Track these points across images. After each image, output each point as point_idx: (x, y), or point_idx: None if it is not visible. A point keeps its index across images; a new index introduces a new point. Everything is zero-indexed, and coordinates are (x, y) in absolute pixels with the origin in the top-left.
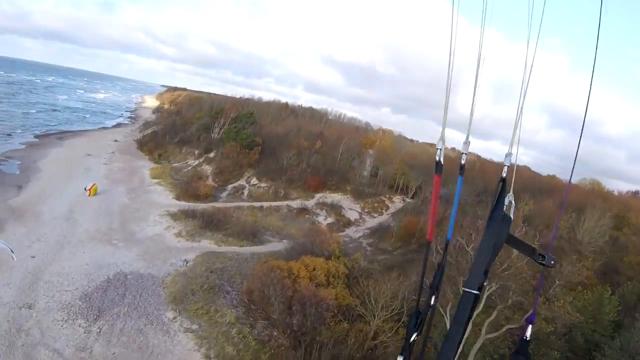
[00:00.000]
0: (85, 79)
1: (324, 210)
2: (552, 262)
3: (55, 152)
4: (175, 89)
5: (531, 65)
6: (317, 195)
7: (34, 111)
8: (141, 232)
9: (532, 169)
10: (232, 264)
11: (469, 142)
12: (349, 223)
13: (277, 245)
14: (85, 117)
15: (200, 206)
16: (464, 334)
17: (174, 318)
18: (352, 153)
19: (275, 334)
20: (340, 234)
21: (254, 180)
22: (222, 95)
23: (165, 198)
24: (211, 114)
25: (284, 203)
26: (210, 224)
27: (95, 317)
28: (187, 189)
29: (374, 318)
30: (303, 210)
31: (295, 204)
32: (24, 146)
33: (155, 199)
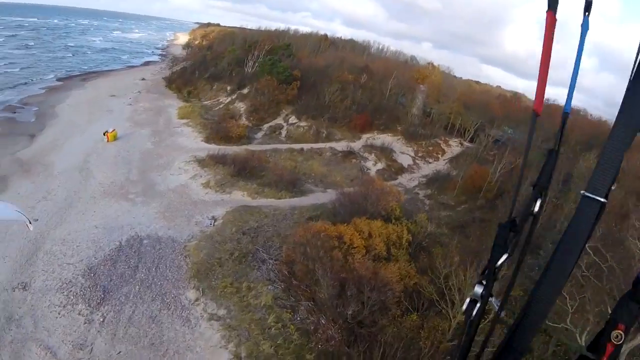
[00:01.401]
0: (120, 20)
1: (372, 154)
2: None
3: (77, 95)
4: (209, 24)
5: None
6: (364, 136)
7: (69, 55)
8: (163, 183)
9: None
10: (269, 222)
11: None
12: (401, 169)
13: (320, 197)
14: (119, 57)
15: (232, 149)
16: (580, 252)
17: (196, 300)
18: (402, 88)
19: (323, 322)
20: (393, 182)
21: (292, 119)
22: (257, 30)
23: (192, 141)
24: (244, 47)
25: (327, 145)
26: (243, 171)
27: (99, 300)
28: (218, 129)
29: (453, 308)
30: (349, 153)
31: (340, 146)
32: (43, 91)
33: (181, 143)
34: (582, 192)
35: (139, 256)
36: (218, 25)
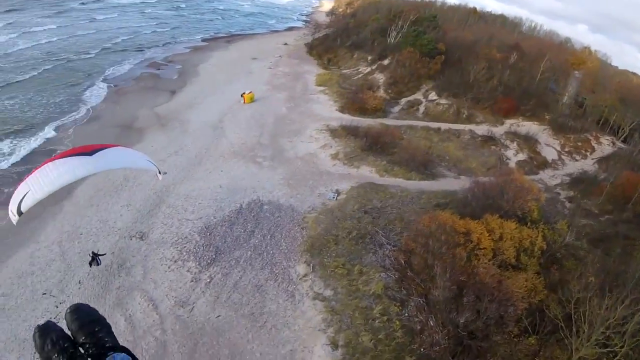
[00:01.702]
0: None
1: (515, 143)
2: None
3: (220, 56)
4: None
5: None
6: (508, 122)
7: (218, 17)
8: (292, 150)
9: None
10: (394, 204)
11: None
12: (544, 164)
13: (453, 183)
14: (265, 22)
15: (367, 122)
16: None
17: (305, 275)
18: (556, 73)
19: (431, 323)
20: (533, 177)
21: (432, 95)
22: (403, 2)
23: (327, 109)
24: (389, 16)
25: (467, 127)
26: (375, 146)
27: (210, 260)
28: (354, 100)
29: (578, 340)
30: (489, 139)
31: (480, 129)
32: (188, 50)
33: (316, 110)
34: None
35: (257, 221)
36: None
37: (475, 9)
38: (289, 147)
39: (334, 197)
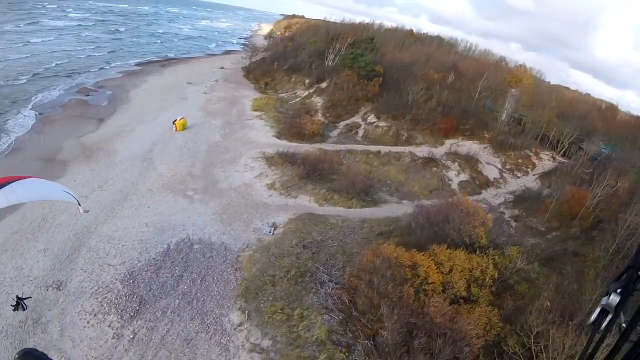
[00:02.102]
0: (209, 9)
1: (456, 163)
2: None
3: (153, 80)
4: (293, 16)
5: None
6: (448, 142)
7: (157, 41)
8: (226, 180)
9: None
10: (335, 235)
11: None
12: (486, 183)
13: (395, 209)
14: (205, 45)
15: (304, 148)
16: None
17: (240, 324)
18: (493, 91)
19: None
20: (476, 197)
21: (371, 118)
22: (341, 23)
23: (264, 135)
24: (327, 39)
25: (407, 149)
26: (313, 173)
27: (133, 312)
28: (292, 125)
29: None
30: (430, 160)
31: (421, 151)
32: (121, 75)
33: (251, 137)
34: None
35: (186, 264)
36: (302, 17)
37: (412, 31)
38: (222, 177)
39: (270, 232)
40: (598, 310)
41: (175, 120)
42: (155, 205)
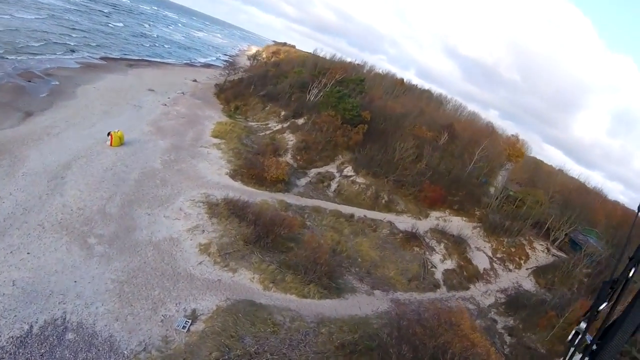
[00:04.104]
0: (208, 22)
1: (442, 245)
2: None
3: (113, 79)
4: (285, 44)
5: None
6: (434, 214)
7: (144, 42)
8: (148, 229)
9: None
10: (277, 347)
11: None
12: (475, 275)
13: (364, 303)
14: (189, 56)
15: (262, 197)
16: None
17: None
18: (490, 162)
19: None
20: (463, 293)
21: (348, 170)
22: (330, 60)
23: (216, 171)
24: (312, 71)
25: (386, 217)
26: (265, 238)
27: None
28: (253, 164)
29: None
30: (412, 237)
31: (402, 222)
32: (79, 66)
33: (200, 170)
34: None
35: None
36: (293, 47)
37: (402, 80)
38: (144, 223)
39: (184, 328)
40: (573, 332)
41: (111, 132)
42: (38, 253)
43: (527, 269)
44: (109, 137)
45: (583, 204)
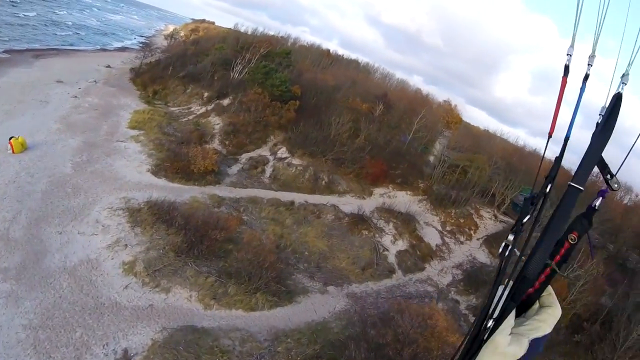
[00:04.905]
0: (122, 4)
1: (391, 224)
2: (616, 186)
3: (16, 73)
4: (203, 21)
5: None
6: (377, 191)
7: (57, 29)
8: (61, 251)
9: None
10: None
11: (595, 55)
12: (429, 253)
13: (320, 304)
14: (102, 40)
15: (190, 193)
16: (563, 224)
17: None
18: (430, 132)
19: None
20: (419, 275)
21: (282, 152)
22: (252, 34)
23: (136, 168)
24: (235, 47)
25: (328, 200)
26: (199, 245)
27: None
28: (177, 156)
29: None
30: (359, 219)
31: (346, 203)
32: None
33: (118, 170)
34: (568, 182)
35: None
36: (213, 23)
37: (328, 51)
38: (56, 244)
39: None
40: (503, 245)
41: (11, 138)
42: None
43: (477, 239)
44: (9, 144)
45: (525, 167)
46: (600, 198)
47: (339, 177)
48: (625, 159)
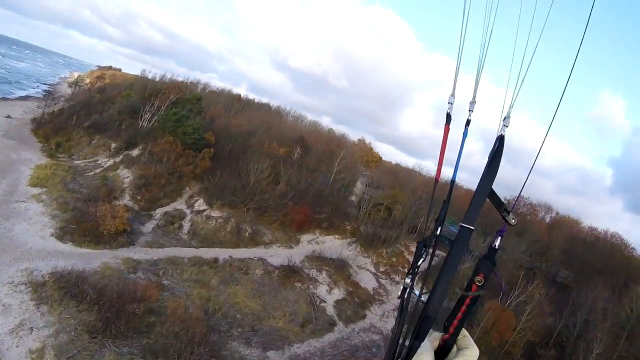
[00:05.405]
0: (27, 51)
1: (323, 272)
2: (513, 221)
3: None
4: (110, 67)
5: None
6: (304, 238)
7: None
8: None
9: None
10: None
11: (475, 101)
12: (367, 299)
13: None
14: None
15: (101, 259)
16: (458, 263)
17: None
18: (352, 171)
19: None
20: (362, 324)
21: (200, 204)
22: (160, 81)
23: (38, 233)
24: (143, 94)
25: (255, 253)
26: (116, 321)
27: None
28: (84, 215)
29: None
30: (290, 271)
31: (274, 254)
32: None
33: (18, 235)
34: (460, 223)
35: None
36: (119, 70)
37: (239, 95)
38: None
39: None
40: (401, 288)
41: None
42: None
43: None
44: None
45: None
46: (499, 237)
47: (263, 227)
48: (527, 177)
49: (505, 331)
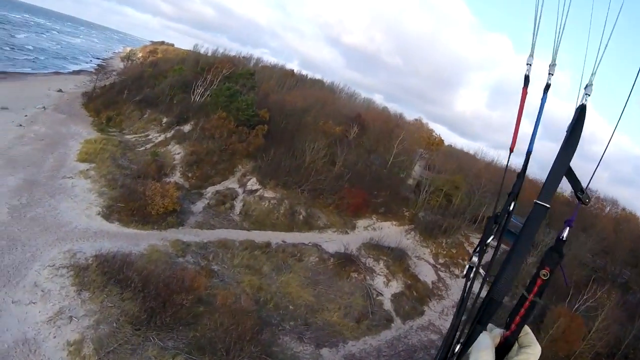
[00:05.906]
0: (82, 27)
1: (381, 262)
2: (587, 201)
3: None
4: (162, 43)
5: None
6: (360, 224)
7: (15, 54)
8: None
9: None
10: None
11: (555, 63)
12: (426, 293)
13: None
14: (56, 64)
15: (149, 241)
16: (530, 244)
17: None
18: (411, 155)
19: None
20: (420, 321)
21: (253, 183)
22: (213, 55)
23: (84, 212)
24: (195, 69)
25: (309, 237)
26: (162, 312)
27: None
28: (132, 194)
29: None
30: (347, 260)
31: (329, 240)
32: None
33: (63, 214)
34: (534, 200)
35: None
36: (172, 45)
37: (292, 71)
38: None
39: None
40: (467, 266)
41: None
42: None
43: None
44: None
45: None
46: (568, 228)
47: (318, 211)
48: (596, 167)
49: (575, 340)
